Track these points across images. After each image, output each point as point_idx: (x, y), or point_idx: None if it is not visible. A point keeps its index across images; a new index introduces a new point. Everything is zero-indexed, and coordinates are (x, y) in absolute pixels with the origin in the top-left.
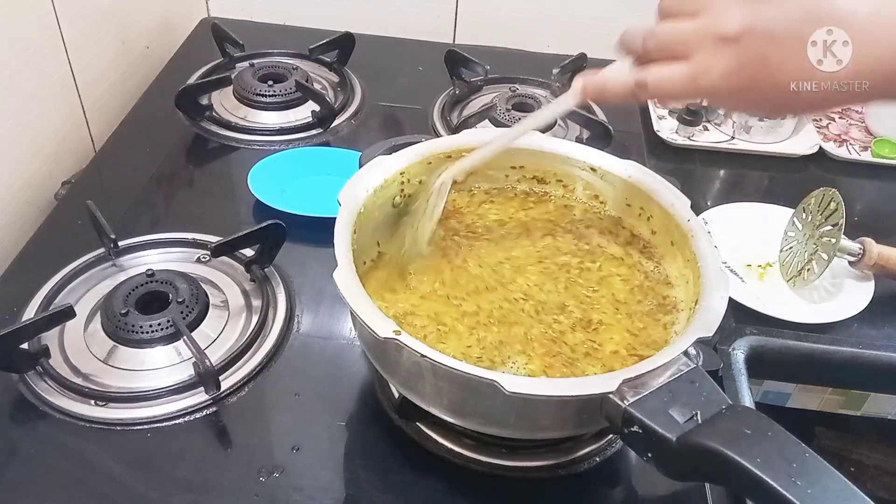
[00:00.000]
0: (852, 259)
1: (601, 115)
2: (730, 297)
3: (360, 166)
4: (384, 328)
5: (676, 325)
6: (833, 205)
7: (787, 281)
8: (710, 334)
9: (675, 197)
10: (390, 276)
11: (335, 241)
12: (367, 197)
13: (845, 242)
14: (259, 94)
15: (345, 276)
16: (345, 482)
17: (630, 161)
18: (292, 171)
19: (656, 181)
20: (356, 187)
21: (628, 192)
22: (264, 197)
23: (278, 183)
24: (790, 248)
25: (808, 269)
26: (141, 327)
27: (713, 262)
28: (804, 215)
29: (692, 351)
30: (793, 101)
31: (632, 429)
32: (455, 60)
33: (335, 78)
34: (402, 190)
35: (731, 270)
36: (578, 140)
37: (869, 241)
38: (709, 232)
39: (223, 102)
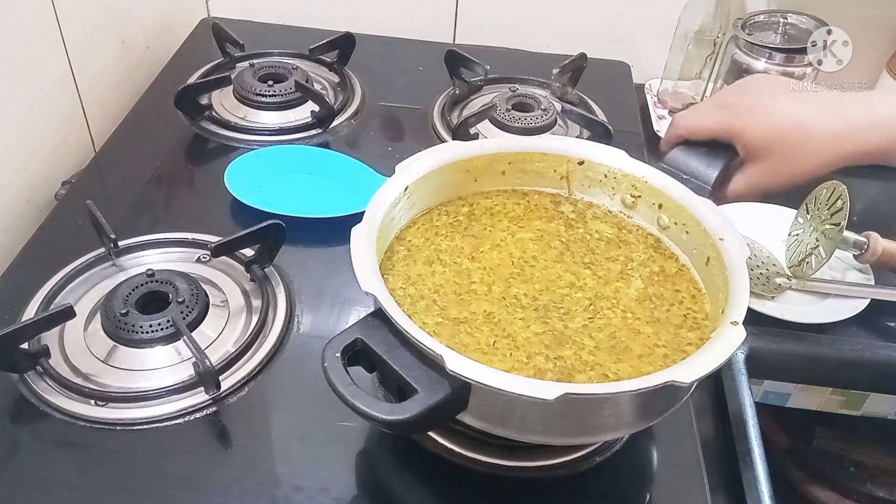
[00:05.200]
0: (857, 252)
1: (601, 115)
2: None
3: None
4: None
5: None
6: (839, 202)
7: (788, 268)
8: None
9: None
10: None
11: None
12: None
13: (849, 236)
14: (259, 94)
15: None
16: (345, 482)
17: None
18: (273, 170)
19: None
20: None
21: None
22: (242, 195)
23: (256, 180)
24: (796, 235)
25: (807, 263)
26: (141, 327)
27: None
28: (813, 206)
29: None
30: None
31: None
32: (455, 60)
33: (335, 78)
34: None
35: None
36: None
37: (874, 234)
38: None
39: (223, 102)
